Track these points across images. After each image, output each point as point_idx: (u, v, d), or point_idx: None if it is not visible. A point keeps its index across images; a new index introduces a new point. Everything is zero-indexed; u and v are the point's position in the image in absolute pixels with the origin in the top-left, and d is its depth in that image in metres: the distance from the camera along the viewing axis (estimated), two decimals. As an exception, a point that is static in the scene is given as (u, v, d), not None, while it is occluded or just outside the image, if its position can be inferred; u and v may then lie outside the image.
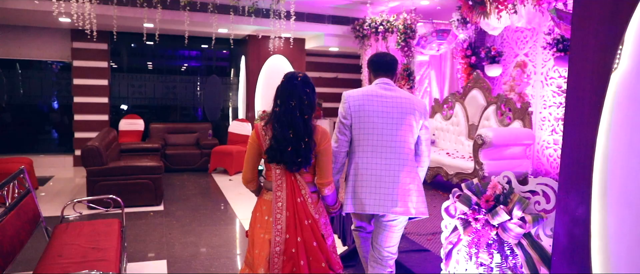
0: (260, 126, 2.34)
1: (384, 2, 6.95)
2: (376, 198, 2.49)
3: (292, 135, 2.20)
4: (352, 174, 2.54)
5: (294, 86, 2.24)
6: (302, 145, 2.22)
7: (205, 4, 6.54)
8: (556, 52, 4.93)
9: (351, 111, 2.52)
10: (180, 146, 8.51)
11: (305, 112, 2.24)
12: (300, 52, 8.65)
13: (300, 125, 2.21)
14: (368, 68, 2.77)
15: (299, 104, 2.21)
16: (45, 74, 8.94)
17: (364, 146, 2.53)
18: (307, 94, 2.25)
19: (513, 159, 4.60)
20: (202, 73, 10.07)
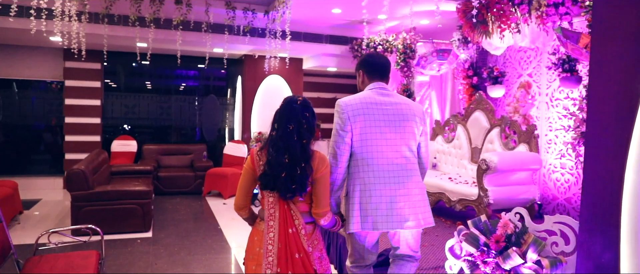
0: (255, 150, 2.25)
1: (383, 22, 6.79)
2: (387, 214, 2.32)
3: (287, 160, 2.09)
4: (358, 190, 2.35)
5: (292, 109, 2.15)
6: (297, 171, 2.09)
7: (199, 23, 6.38)
8: (562, 72, 4.73)
9: (350, 121, 2.33)
10: (174, 168, 8.27)
11: (304, 136, 2.14)
12: (297, 73, 8.48)
13: (297, 149, 2.10)
14: (360, 69, 2.55)
15: (297, 127, 2.12)
16: (37, 93, 8.75)
17: (368, 158, 2.35)
18: (307, 118, 2.15)
19: (519, 184, 4.35)
20: (199, 93, 9.90)
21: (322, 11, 6.29)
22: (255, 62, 8.03)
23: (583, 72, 4.77)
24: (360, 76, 2.56)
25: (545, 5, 4.44)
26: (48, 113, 8.71)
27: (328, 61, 7.75)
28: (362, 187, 2.34)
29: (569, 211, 5.06)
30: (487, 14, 4.85)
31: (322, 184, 2.18)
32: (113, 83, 9.13)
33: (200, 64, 8.87)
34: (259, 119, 8.31)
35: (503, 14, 4.70)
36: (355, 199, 2.34)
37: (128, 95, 9.15)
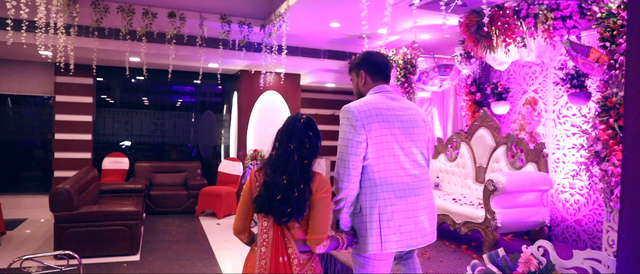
0: (254, 171, 2.13)
1: (382, 37, 6.61)
2: (410, 231, 2.14)
3: (285, 181, 1.96)
4: (376, 207, 2.12)
5: (294, 127, 2.04)
6: (295, 193, 1.95)
7: (193, 38, 6.19)
8: (570, 88, 4.53)
9: (365, 129, 2.10)
10: (166, 187, 8.00)
11: (305, 156, 2.00)
12: (295, 88, 8.28)
13: (296, 170, 1.97)
14: (361, 70, 2.31)
15: (298, 147, 2.00)
16: (33, 108, 8.52)
17: (386, 171, 2.13)
18: (310, 137, 2.02)
19: (528, 206, 4.11)
20: (196, 109, 9.68)
21: (320, 25, 6.11)
22: (251, 78, 7.83)
23: (592, 87, 4.57)
24: (362, 77, 2.31)
25: (552, 18, 4.26)
26: (38, 129, 8.47)
27: (326, 77, 7.55)
28: (382, 204, 2.11)
29: (579, 233, 4.80)
30: (492, 27, 4.66)
31: (321, 208, 1.99)
32: (107, 98, 8.91)
33: (196, 80, 8.69)
34: (255, 136, 8.08)
35: (508, 27, 4.51)
36: (374, 217, 2.11)
37: (121, 111, 8.92)
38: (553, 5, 4.26)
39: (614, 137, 3.37)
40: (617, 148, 3.34)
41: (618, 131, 3.32)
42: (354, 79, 2.38)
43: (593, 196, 4.68)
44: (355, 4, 5.12)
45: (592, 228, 4.69)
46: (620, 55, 3.35)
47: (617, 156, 3.33)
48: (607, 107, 3.44)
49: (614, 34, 3.37)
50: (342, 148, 2.12)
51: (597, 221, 4.65)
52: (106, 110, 8.74)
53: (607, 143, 3.41)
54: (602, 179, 3.48)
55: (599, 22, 3.53)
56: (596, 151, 3.49)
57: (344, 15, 5.57)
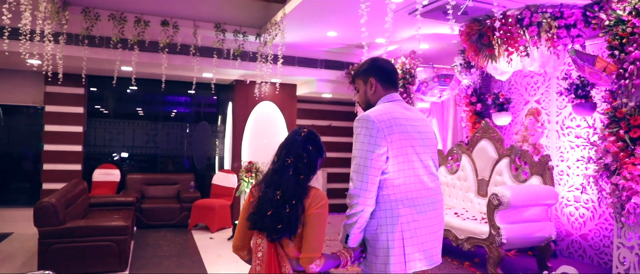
0: (253, 186, 2.10)
1: (380, 46, 6.49)
2: (431, 247, 2.04)
3: (279, 197, 1.89)
4: (399, 224, 1.96)
5: (294, 141, 1.98)
6: (286, 209, 1.87)
7: (187, 46, 6.04)
8: (575, 98, 4.40)
9: (386, 140, 1.94)
10: (158, 199, 7.78)
11: (302, 171, 1.93)
12: (291, 99, 8.12)
13: (290, 185, 1.90)
14: (371, 77, 2.13)
15: (295, 161, 1.93)
16: (27, 119, 8.31)
17: (408, 185, 1.99)
18: (309, 152, 1.95)
19: (534, 221, 3.95)
20: (190, 120, 9.51)
21: (317, 34, 5.97)
22: (246, 88, 7.67)
23: (597, 98, 4.44)
24: (371, 85, 2.13)
25: (556, 27, 4.14)
26: (28, 140, 8.25)
27: (323, 87, 7.41)
28: (404, 221, 1.97)
29: (585, 248, 4.64)
30: (493, 36, 4.54)
31: (314, 224, 1.90)
32: (101, 109, 8.72)
33: (191, 90, 8.52)
34: (250, 147, 7.91)
35: (511, 36, 4.38)
36: (395, 235, 1.96)
37: (113, 121, 8.73)
38: (557, 13, 4.15)
39: (624, 150, 3.23)
40: (628, 161, 3.19)
41: (629, 142, 3.18)
42: (361, 88, 2.19)
43: (599, 210, 4.53)
44: (353, 13, 4.99)
45: (599, 243, 4.54)
46: (630, 65, 3.22)
47: (629, 169, 3.18)
48: (616, 118, 3.31)
49: (623, 42, 3.24)
50: (360, 160, 1.95)
51: (604, 236, 4.49)
52: (98, 120, 8.54)
53: (617, 156, 3.27)
54: (613, 193, 3.33)
55: (606, 30, 3.41)
56: (606, 164, 3.34)
57: (341, 23, 5.44)
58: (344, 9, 4.83)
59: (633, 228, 3.29)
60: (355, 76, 2.23)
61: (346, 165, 8.68)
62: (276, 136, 8.03)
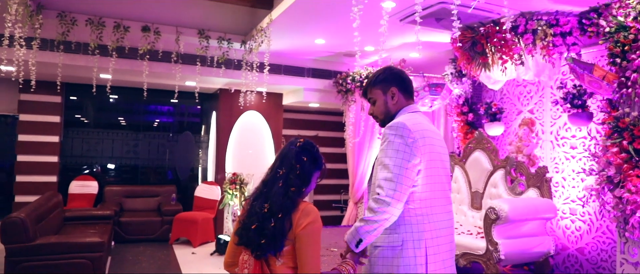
0: (247, 199, 1.96)
1: (369, 55, 6.34)
2: (450, 264, 1.99)
3: (266, 210, 1.76)
4: (424, 239, 1.89)
5: (288, 150, 1.88)
6: (271, 223, 1.73)
7: (169, 53, 5.79)
8: (571, 108, 4.28)
9: (420, 150, 1.87)
10: (138, 212, 7.46)
11: (293, 183, 1.79)
12: (277, 108, 7.91)
13: (278, 197, 1.76)
14: (392, 86, 2.03)
15: (287, 172, 1.82)
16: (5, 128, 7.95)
17: (433, 199, 1.93)
18: (302, 163, 1.83)
19: (532, 236, 3.79)
20: (173, 129, 9.23)
21: (305, 42, 5.79)
22: (231, 97, 7.44)
23: (593, 107, 4.33)
24: (394, 94, 2.02)
25: (551, 34, 4.03)
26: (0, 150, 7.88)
27: (310, 96, 7.21)
28: (429, 236, 1.89)
29: (582, 262, 4.50)
30: (487, 44, 4.41)
31: (308, 243, 1.75)
32: (78, 118, 8.39)
33: (173, 99, 8.25)
34: (235, 158, 7.66)
35: (505, 44, 4.25)
36: (421, 251, 1.88)
37: (92, 131, 8.40)
38: (552, 21, 4.04)
39: (628, 161, 3.09)
40: (632, 173, 3.05)
41: (633, 154, 3.04)
42: (379, 98, 2.06)
43: (596, 223, 4.40)
44: (342, 19, 4.82)
45: (596, 257, 4.40)
46: (633, 72, 3.09)
47: (633, 182, 3.03)
48: (619, 129, 3.17)
49: (625, 49, 3.12)
50: (394, 169, 1.83)
51: (601, 250, 4.36)
52: (75, 130, 8.21)
53: (620, 167, 3.13)
54: (616, 206, 3.18)
55: (607, 37, 3.29)
56: (608, 176, 3.20)
57: (330, 30, 5.27)
58: (332, 15, 4.67)
59: (637, 243, 3.15)
60: (371, 86, 2.09)
61: (334, 176, 8.47)
62: (261, 147, 7.80)
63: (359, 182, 6.68)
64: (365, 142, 6.60)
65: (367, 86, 2.11)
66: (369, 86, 2.10)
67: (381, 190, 1.83)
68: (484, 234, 3.69)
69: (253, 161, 7.67)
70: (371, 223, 1.83)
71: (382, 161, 1.87)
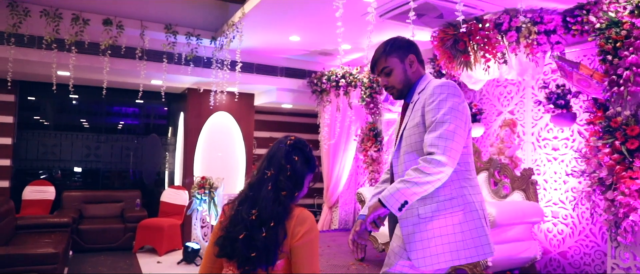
0: (226, 204, 1.71)
1: (345, 54, 6.13)
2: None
3: (255, 217, 1.54)
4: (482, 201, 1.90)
5: (277, 150, 1.66)
6: (262, 232, 1.51)
7: (133, 49, 5.41)
8: (554, 108, 4.17)
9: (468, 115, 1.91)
10: (99, 219, 7.00)
11: (284, 186, 1.58)
12: (248, 109, 7.60)
13: (268, 203, 1.54)
14: (410, 54, 1.97)
15: (276, 174, 1.60)
16: None
17: (473, 168, 1.94)
18: (293, 163, 1.61)
19: (519, 241, 3.65)
20: (139, 131, 8.76)
21: (279, 39, 5.53)
22: (199, 97, 7.09)
23: (575, 108, 4.24)
24: (413, 62, 1.97)
25: (535, 32, 3.91)
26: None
27: (283, 97, 6.94)
28: (479, 199, 1.89)
29: (565, 266, 4.40)
30: (470, 42, 4.26)
31: (306, 255, 1.55)
32: (35, 118, 7.83)
33: (138, 99, 7.81)
34: (203, 161, 7.30)
35: (488, 41, 4.11)
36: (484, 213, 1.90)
37: (50, 133, 7.87)
38: (537, 18, 3.92)
39: (621, 162, 2.96)
40: (625, 175, 2.93)
41: (627, 154, 2.91)
42: (397, 67, 1.97)
43: (579, 226, 4.31)
44: (319, 14, 4.60)
45: (579, 261, 4.30)
46: (625, 70, 2.97)
47: (627, 184, 2.91)
48: (611, 129, 3.05)
49: (617, 45, 3.00)
50: (449, 126, 1.76)
51: (585, 254, 4.26)
52: (31, 132, 7.67)
53: (613, 169, 3.00)
54: (608, 210, 3.05)
55: (597, 34, 3.17)
56: (600, 178, 3.07)
57: (306, 26, 5.03)
58: (309, 10, 4.44)
59: (630, 247, 3.03)
60: (385, 55, 1.97)
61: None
62: (232, 150, 7.48)
63: (334, 186, 6.45)
64: (340, 144, 6.38)
65: (380, 56, 1.98)
66: (382, 55, 1.97)
67: (436, 149, 1.73)
68: (469, 239, 3.53)
69: (223, 164, 7.34)
70: (422, 184, 1.71)
71: (436, 118, 1.77)
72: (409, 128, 1.90)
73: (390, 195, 1.73)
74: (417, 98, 1.93)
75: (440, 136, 1.74)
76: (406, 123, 1.93)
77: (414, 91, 1.98)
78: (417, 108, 1.89)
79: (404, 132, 1.92)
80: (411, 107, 1.94)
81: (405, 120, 1.95)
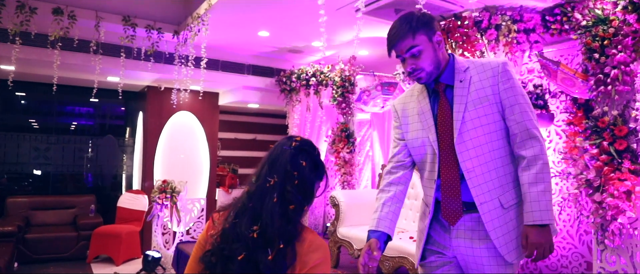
0: (216, 212, 1.44)
1: (314, 52, 5.90)
2: None
3: (256, 234, 1.26)
4: None
5: (281, 152, 1.39)
6: (268, 255, 1.24)
7: (86, 43, 4.98)
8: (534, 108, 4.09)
9: None
10: (49, 227, 6.47)
11: (291, 198, 1.31)
12: (212, 109, 7.25)
13: (274, 218, 1.27)
14: (437, 29, 1.77)
15: (282, 183, 1.32)
16: None
17: None
18: (301, 170, 1.34)
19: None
20: (93, 132, 8.21)
21: (247, 33, 5.24)
22: (160, 95, 6.68)
23: (552, 108, 4.18)
24: (440, 42, 1.77)
25: (515, 31, 3.81)
26: None
27: (250, 96, 6.64)
28: None
29: (541, 269, 4.33)
30: (448, 39, 4.13)
31: None
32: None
33: (92, 98, 7.31)
34: (164, 163, 6.89)
35: (467, 39, 3.99)
36: None
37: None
38: (516, 16, 3.83)
39: (609, 163, 2.87)
40: (613, 176, 2.83)
41: (615, 155, 2.82)
42: (426, 46, 1.72)
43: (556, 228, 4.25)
44: (292, 8, 4.35)
45: (556, 263, 4.24)
46: (613, 68, 2.89)
47: (615, 185, 2.82)
48: (598, 129, 2.95)
49: (604, 43, 2.91)
50: (533, 113, 1.77)
51: (562, 256, 4.21)
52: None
53: (600, 170, 2.91)
54: (595, 212, 2.96)
55: (583, 31, 3.07)
56: (587, 180, 2.97)
57: (276, 21, 4.77)
58: (281, 3, 4.18)
59: (616, 250, 2.95)
60: (412, 32, 1.71)
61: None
62: (195, 151, 7.10)
63: (304, 189, 6.21)
64: (310, 146, 6.14)
65: (406, 34, 1.70)
66: (409, 32, 1.70)
67: (537, 132, 1.70)
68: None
69: (185, 166, 6.96)
70: (545, 179, 1.66)
71: (518, 100, 1.72)
72: (470, 111, 1.71)
73: (544, 209, 1.64)
74: (466, 78, 1.75)
75: (534, 118, 1.73)
76: (460, 106, 1.73)
77: (452, 71, 1.78)
78: (477, 89, 1.73)
79: (465, 115, 1.71)
80: (460, 87, 1.74)
81: (454, 104, 1.74)
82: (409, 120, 1.89)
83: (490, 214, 1.69)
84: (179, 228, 5.53)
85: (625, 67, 2.82)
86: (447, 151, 1.74)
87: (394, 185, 1.87)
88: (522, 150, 1.68)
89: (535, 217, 1.62)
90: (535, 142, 1.68)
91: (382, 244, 1.74)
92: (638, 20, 2.68)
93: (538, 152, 1.67)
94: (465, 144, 1.70)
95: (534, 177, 1.64)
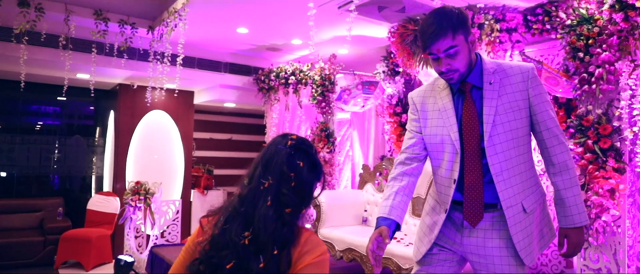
0: (205, 217, 1.34)
1: (293, 50, 5.81)
2: None
3: (247, 241, 1.17)
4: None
5: (276, 153, 1.29)
6: (259, 262, 1.15)
7: (55, 37, 4.74)
8: (515, 109, 4.11)
9: None
10: (13, 231, 6.15)
11: (288, 201, 1.22)
12: (187, 108, 7.05)
13: (268, 222, 1.19)
14: (471, 28, 1.73)
15: (277, 184, 1.24)
16: None
17: None
18: (298, 171, 1.24)
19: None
20: (61, 132, 7.87)
21: (225, 30, 5.10)
22: (133, 94, 6.46)
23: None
24: (474, 42, 1.90)
25: (497, 30, 3.81)
26: None
27: (226, 95, 6.48)
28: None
29: (521, 269, 4.36)
30: (431, 38, 4.10)
31: None
32: None
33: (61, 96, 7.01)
34: (137, 164, 6.66)
35: (450, 38, 3.97)
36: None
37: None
38: (499, 15, 3.83)
39: (594, 162, 2.88)
40: (598, 174, 2.85)
41: (600, 154, 2.84)
42: (463, 46, 1.66)
43: (536, 227, 4.28)
44: (272, 4, 4.25)
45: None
46: (597, 68, 2.90)
47: (600, 184, 2.83)
48: (583, 128, 2.97)
49: (589, 42, 2.92)
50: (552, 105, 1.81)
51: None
52: None
53: (585, 169, 2.92)
54: (580, 211, 2.96)
55: (567, 30, 3.09)
56: (573, 179, 2.97)
57: (255, 17, 4.66)
58: None
59: (600, 248, 2.96)
60: (452, 31, 1.62)
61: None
62: (169, 152, 6.90)
63: (283, 190, 6.10)
64: (289, 146, 6.04)
65: (447, 33, 1.61)
66: (450, 31, 1.61)
67: (563, 137, 1.75)
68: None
69: (159, 167, 6.75)
70: (576, 176, 1.75)
71: (546, 107, 1.74)
72: (501, 115, 1.70)
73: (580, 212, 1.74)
74: (495, 80, 1.73)
75: (557, 123, 1.75)
76: (490, 109, 1.70)
77: (480, 72, 1.75)
78: (508, 93, 1.72)
79: (495, 119, 1.69)
80: (490, 90, 1.72)
81: (485, 107, 1.71)
82: (428, 115, 1.84)
83: (514, 218, 1.70)
84: (153, 230, 5.34)
85: (610, 66, 2.84)
86: (473, 152, 1.71)
87: (407, 176, 1.82)
88: (552, 156, 1.74)
89: (575, 220, 1.73)
90: (564, 147, 1.75)
91: (390, 232, 1.68)
92: (624, 19, 2.70)
93: (567, 158, 1.74)
94: (495, 148, 1.69)
95: (569, 182, 1.73)
